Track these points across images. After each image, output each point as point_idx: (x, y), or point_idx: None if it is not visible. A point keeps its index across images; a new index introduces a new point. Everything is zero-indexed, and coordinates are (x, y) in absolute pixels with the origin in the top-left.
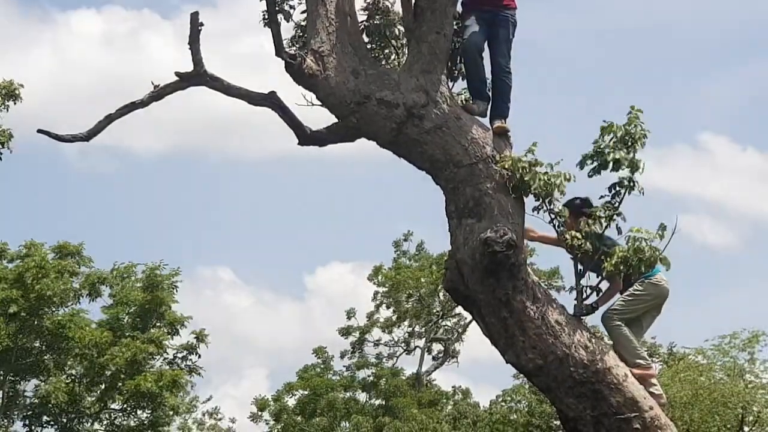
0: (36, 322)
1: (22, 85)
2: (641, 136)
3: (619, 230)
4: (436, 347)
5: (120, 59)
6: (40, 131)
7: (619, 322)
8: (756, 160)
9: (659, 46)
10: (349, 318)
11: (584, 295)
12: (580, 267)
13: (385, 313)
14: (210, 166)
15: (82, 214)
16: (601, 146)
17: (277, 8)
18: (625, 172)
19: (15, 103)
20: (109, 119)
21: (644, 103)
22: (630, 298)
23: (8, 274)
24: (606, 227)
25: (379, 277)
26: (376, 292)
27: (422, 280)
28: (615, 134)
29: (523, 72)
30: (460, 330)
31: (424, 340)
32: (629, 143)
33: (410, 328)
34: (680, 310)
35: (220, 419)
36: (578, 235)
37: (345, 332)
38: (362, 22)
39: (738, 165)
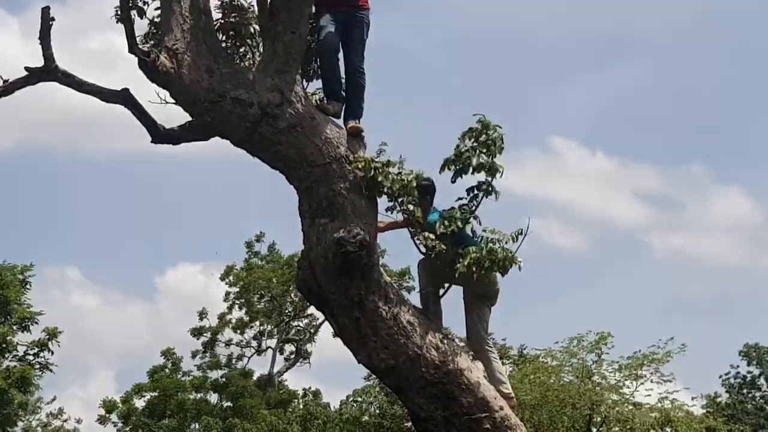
0: None
1: None
2: (499, 141)
3: (473, 233)
4: (288, 348)
5: None
6: None
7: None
8: (604, 164)
9: (512, 51)
10: (201, 318)
11: (436, 297)
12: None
13: (237, 313)
14: (58, 165)
15: None
16: (462, 150)
17: (130, 4)
18: (483, 176)
19: None
20: None
21: (496, 107)
22: None
23: None
24: (461, 229)
25: (231, 278)
26: (228, 293)
27: (274, 280)
28: (475, 138)
29: (381, 74)
30: (312, 331)
31: (275, 340)
32: (488, 148)
33: (262, 328)
34: (531, 312)
35: (65, 420)
36: (431, 236)
37: (197, 333)
38: (218, 20)
39: (587, 169)
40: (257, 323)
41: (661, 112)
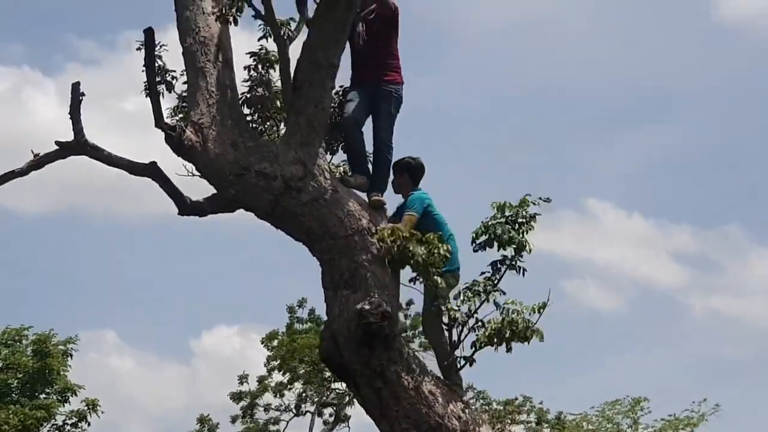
0: None
1: None
2: (531, 219)
3: (497, 306)
4: (327, 411)
5: (1, 116)
6: None
7: None
8: (641, 225)
9: (549, 113)
10: (241, 383)
11: (458, 366)
12: (454, 338)
13: (277, 377)
14: (93, 228)
15: None
16: (491, 224)
17: (158, 79)
18: (509, 251)
19: None
20: None
21: (531, 169)
22: None
23: None
24: (484, 301)
25: (275, 342)
26: (269, 357)
27: (315, 345)
28: (505, 214)
29: (414, 135)
30: (351, 395)
31: (315, 404)
32: (519, 224)
33: (301, 391)
34: (569, 374)
35: None
36: (454, 306)
37: (237, 397)
38: (243, 94)
39: (624, 230)
40: (297, 386)
41: (698, 172)
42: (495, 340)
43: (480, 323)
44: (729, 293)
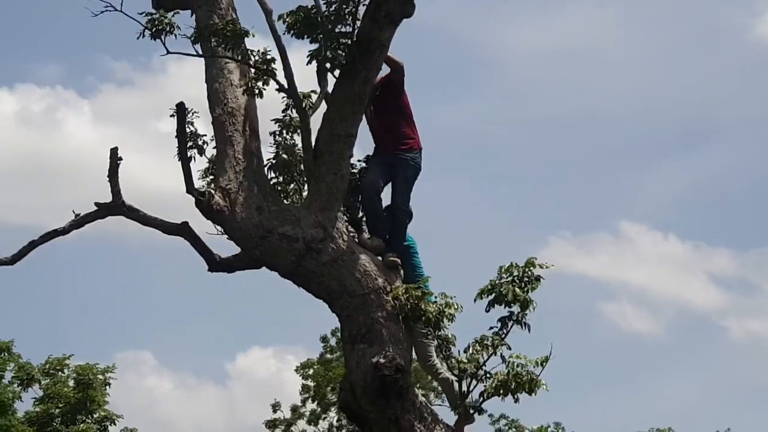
0: None
1: None
2: (535, 280)
3: (503, 359)
4: None
5: (36, 137)
6: None
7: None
8: (677, 248)
9: (587, 137)
10: (274, 411)
11: (468, 414)
12: (464, 388)
13: (310, 405)
14: (129, 249)
15: None
16: (497, 283)
17: (189, 144)
18: (515, 308)
19: None
20: (32, 245)
21: (569, 191)
22: None
23: None
24: (491, 354)
25: (310, 371)
26: (305, 386)
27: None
28: (512, 274)
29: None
30: None
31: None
32: (524, 284)
33: (334, 420)
34: (607, 397)
35: None
36: (464, 358)
37: (271, 425)
38: (269, 159)
39: (660, 252)
40: (330, 414)
41: (734, 194)
42: (501, 391)
43: (488, 375)
44: None
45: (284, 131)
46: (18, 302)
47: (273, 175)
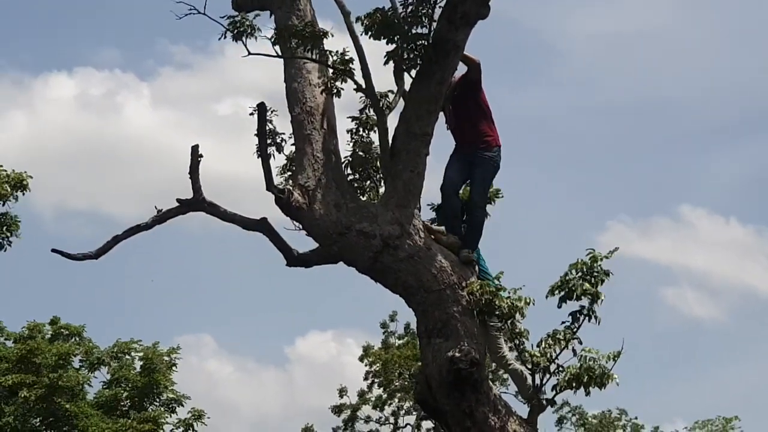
0: (45, 407)
1: (30, 177)
2: (603, 274)
3: (574, 352)
4: (425, 425)
5: (96, 121)
6: (54, 251)
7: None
8: (739, 232)
9: (651, 121)
10: (341, 396)
11: (541, 407)
12: (537, 382)
13: (376, 391)
14: (191, 234)
15: (55, 284)
16: (568, 279)
17: (269, 142)
18: (585, 302)
19: (23, 194)
20: (116, 240)
21: (631, 176)
22: None
23: (10, 354)
24: (563, 348)
25: (370, 358)
26: (368, 372)
27: (411, 358)
28: (581, 270)
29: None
30: None
31: (414, 417)
32: (593, 278)
33: (400, 404)
34: (668, 384)
35: None
36: (537, 352)
37: (337, 410)
38: (346, 157)
39: (721, 237)
40: (396, 399)
41: None
42: (574, 384)
43: (561, 368)
44: None
45: (361, 129)
46: (85, 288)
47: (350, 172)
